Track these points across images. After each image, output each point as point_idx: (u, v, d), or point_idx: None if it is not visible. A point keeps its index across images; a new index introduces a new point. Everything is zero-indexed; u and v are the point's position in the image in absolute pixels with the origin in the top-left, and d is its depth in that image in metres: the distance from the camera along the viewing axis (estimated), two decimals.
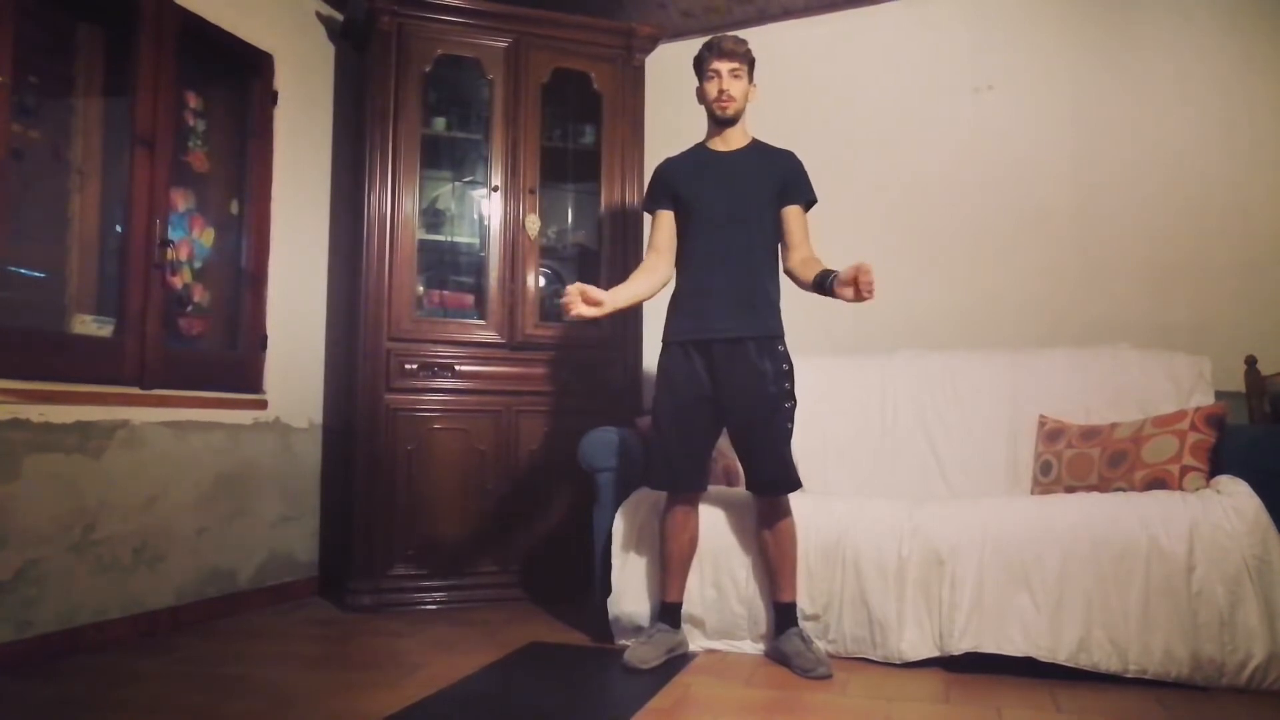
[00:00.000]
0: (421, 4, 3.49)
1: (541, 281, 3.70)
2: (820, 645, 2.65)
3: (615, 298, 2.65)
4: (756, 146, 2.78)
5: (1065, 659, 2.44)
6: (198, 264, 3.32)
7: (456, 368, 3.51)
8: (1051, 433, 3.08)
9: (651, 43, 3.80)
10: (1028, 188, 3.63)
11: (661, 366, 2.74)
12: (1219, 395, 3.02)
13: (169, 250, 3.06)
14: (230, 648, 2.82)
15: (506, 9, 3.60)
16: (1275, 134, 3.35)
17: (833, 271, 2.53)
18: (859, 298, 2.43)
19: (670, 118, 3.73)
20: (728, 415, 2.67)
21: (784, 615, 2.65)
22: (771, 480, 2.63)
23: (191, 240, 3.29)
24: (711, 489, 2.85)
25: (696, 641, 2.81)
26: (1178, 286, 3.40)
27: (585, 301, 2.55)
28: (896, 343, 3.57)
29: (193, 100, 3.31)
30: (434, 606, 3.40)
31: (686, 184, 2.75)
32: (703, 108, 2.77)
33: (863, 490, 3.19)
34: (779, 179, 2.72)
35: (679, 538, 2.71)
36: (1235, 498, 2.44)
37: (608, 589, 2.86)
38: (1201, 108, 3.44)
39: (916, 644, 2.58)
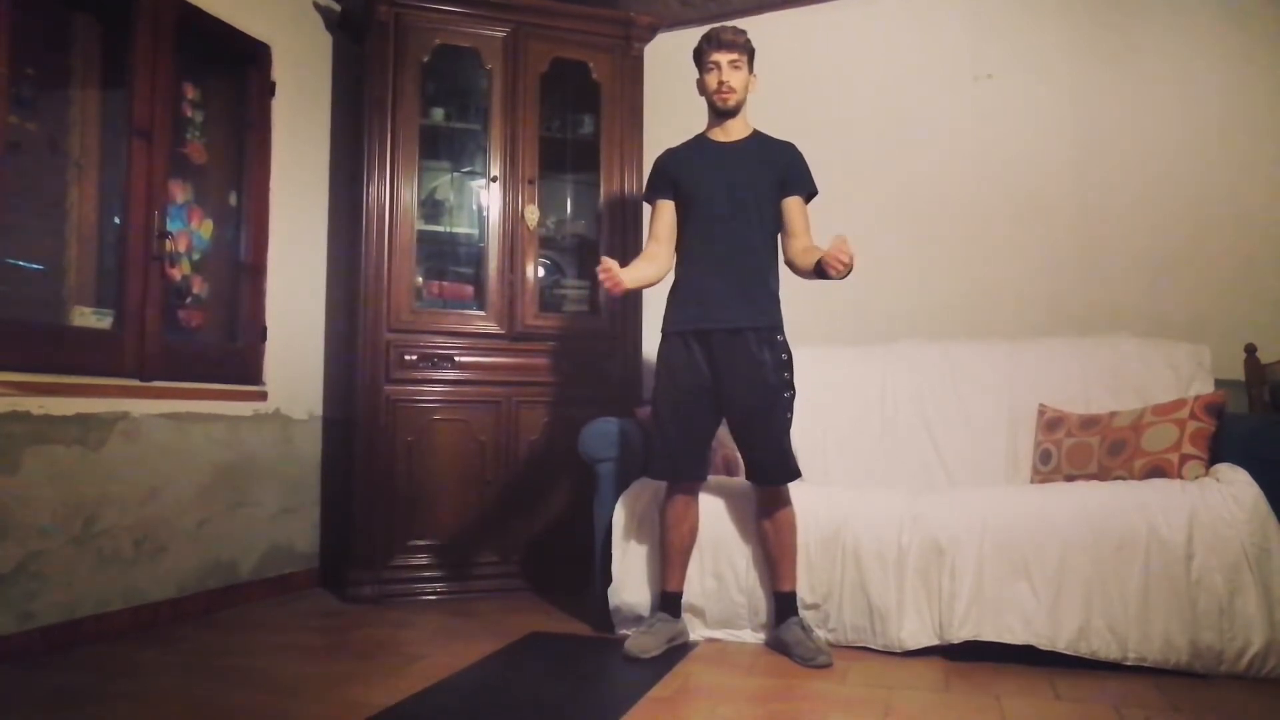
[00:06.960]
0: None
1: (541, 272, 3.69)
2: (820, 634, 2.66)
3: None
4: (757, 137, 2.77)
5: (1065, 647, 2.45)
6: (196, 256, 3.31)
7: (456, 358, 3.51)
8: (1051, 422, 3.08)
9: (650, 32, 3.78)
10: (1027, 177, 3.62)
11: (661, 357, 2.74)
12: (1218, 384, 3.02)
13: (168, 242, 3.05)
14: (231, 639, 2.83)
15: None
16: (1273, 124, 3.34)
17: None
18: (835, 269, 2.44)
19: (669, 107, 3.72)
20: (727, 405, 2.67)
21: (784, 604, 2.66)
22: (771, 470, 2.64)
23: (190, 232, 3.29)
24: (711, 479, 2.86)
25: (697, 631, 2.81)
26: (1177, 275, 3.40)
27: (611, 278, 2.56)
28: (896, 333, 3.57)
29: (190, 91, 3.30)
30: (434, 597, 3.41)
31: (687, 174, 2.75)
32: (703, 98, 2.76)
33: (862, 480, 3.19)
34: (779, 170, 2.72)
35: (679, 528, 2.72)
36: (1234, 486, 2.44)
37: (608, 579, 2.87)
38: (1200, 97, 3.42)
39: (916, 633, 2.59)
